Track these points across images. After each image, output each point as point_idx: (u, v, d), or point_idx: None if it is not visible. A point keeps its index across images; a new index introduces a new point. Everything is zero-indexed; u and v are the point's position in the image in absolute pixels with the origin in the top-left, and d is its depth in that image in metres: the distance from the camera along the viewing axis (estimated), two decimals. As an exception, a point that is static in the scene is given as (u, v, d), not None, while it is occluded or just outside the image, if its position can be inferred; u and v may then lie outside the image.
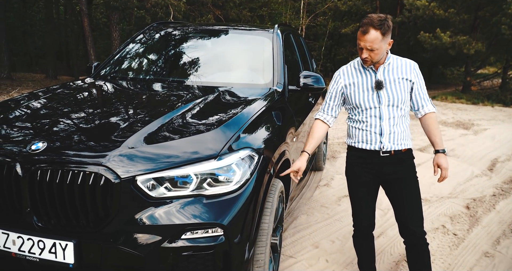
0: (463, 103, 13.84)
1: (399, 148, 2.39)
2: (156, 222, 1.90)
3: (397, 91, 2.35)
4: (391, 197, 2.52)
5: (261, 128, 2.54)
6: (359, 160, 2.48)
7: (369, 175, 2.47)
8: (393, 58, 2.40)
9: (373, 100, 2.36)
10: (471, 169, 5.67)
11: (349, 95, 2.44)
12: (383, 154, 2.39)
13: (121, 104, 2.78)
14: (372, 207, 2.58)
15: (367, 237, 2.66)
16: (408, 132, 2.45)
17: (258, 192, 2.20)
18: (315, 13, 20.08)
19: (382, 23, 2.19)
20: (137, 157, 1.98)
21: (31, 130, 2.22)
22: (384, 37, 2.23)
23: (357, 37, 2.29)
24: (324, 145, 5.57)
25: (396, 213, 2.51)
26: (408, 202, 2.44)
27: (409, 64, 2.40)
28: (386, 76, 2.36)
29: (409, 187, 2.44)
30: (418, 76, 2.40)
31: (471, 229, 3.75)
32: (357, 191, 2.55)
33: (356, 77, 2.43)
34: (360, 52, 2.29)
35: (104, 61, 3.80)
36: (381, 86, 2.33)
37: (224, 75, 3.42)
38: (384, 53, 2.32)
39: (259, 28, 4.00)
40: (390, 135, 2.37)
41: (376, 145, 2.39)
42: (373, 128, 2.38)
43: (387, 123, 2.36)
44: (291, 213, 3.96)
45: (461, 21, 15.12)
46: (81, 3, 13.50)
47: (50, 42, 17.43)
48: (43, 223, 1.94)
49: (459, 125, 9.32)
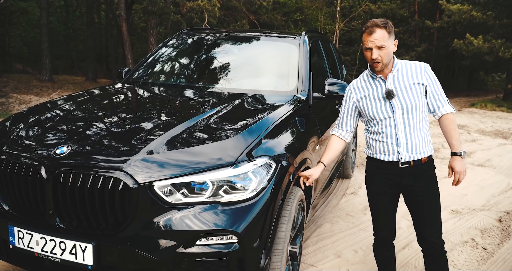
0: (504, 111, 13.27)
1: (419, 157, 2.33)
2: (172, 228, 1.94)
3: (410, 98, 2.28)
4: (410, 208, 2.48)
5: (281, 136, 2.54)
6: (378, 171, 2.44)
7: (388, 186, 2.43)
8: (401, 64, 2.34)
9: (386, 110, 2.32)
10: (507, 181, 5.43)
11: (362, 108, 2.41)
12: (402, 166, 2.34)
13: (146, 109, 2.86)
14: (391, 217, 2.54)
15: (387, 247, 2.62)
16: (428, 139, 2.38)
17: (275, 200, 2.20)
18: (350, 17, 19.87)
19: (385, 23, 2.22)
20: (155, 162, 2.03)
21: (57, 134, 2.32)
22: (390, 36, 2.23)
23: (362, 41, 2.26)
24: (353, 153, 5.49)
25: (415, 223, 2.48)
26: (427, 214, 2.39)
27: (419, 67, 2.33)
28: (397, 84, 2.31)
29: (429, 199, 2.37)
30: (431, 77, 2.33)
31: (502, 243, 3.59)
32: (377, 201, 2.52)
33: (367, 90, 2.40)
34: (370, 55, 2.24)
35: (135, 66, 3.91)
36: (392, 95, 2.29)
37: (249, 82, 3.44)
38: (391, 55, 2.28)
39: (287, 35, 4.00)
40: (407, 145, 2.31)
41: (394, 156, 2.34)
42: (389, 139, 2.34)
43: (403, 132, 2.31)
44: (315, 221, 3.93)
45: (501, 25, 14.53)
46: (120, 9, 13.98)
47: (90, 45, 18.12)
48: (65, 224, 2.02)
49: (498, 134, 8.96)
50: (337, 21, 19.25)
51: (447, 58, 22.55)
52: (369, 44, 2.23)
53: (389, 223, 2.54)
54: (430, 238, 2.40)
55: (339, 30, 19.19)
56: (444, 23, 16.82)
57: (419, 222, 2.44)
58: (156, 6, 12.98)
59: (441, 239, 2.42)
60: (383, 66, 2.27)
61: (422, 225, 2.43)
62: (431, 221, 2.39)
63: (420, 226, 2.44)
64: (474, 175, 5.63)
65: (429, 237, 2.40)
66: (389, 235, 2.57)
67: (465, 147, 7.41)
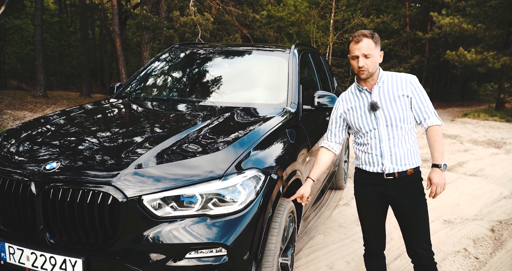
0: (496, 120, 13.39)
1: (403, 169, 2.33)
2: (161, 241, 1.95)
3: (394, 110, 2.30)
4: (398, 219, 2.49)
5: (270, 148, 2.57)
6: (365, 181, 2.47)
7: (374, 197, 2.45)
8: (387, 76, 2.37)
9: (372, 122, 2.35)
10: (499, 190, 5.47)
11: (349, 120, 2.45)
12: (387, 177, 2.35)
13: (137, 123, 2.89)
14: (380, 227, 2.55)
15: (377, 257, 2.63)
16: (415, 150, 2.38)
17: (264, 212, 2.22)
18: (343, 30, 20.12)
19: (372, 33, 2.27)
20: (145, 176, 2.05)
21: (48, 149, 2.34)
22: (376, 46, 2.27)
23: (349, 51, 2.30)
24: (346, 164, 5.52)
25: (403, 234, 2.50)
26: (414, 226, 2.40)
27: (405, 79, 2.35)
28: (382, 96, 2.33)
29: (415, 210, 2.38)
30: (416, 89, 2.33)
31: (494, 252, 3.61)
32: (364, 211, 2.54)
33: (353, 101, 2.43)
34: (356, 63, 2.28)
35: (126, 81, 3.95)
36: (376, 107, 2.31)
37: (239, 95, 3.48)
38: (377, 65, 2.31)
39: (277, 48, 4.06)
40: (391, 157, 2.33)
41: (379, 167, 2.36)
42: (373, 150, 2.37)
43: (387, 144, 2.33)
44: (308, 232, 3.93)
45: (492, 36, 14.78)
46: (114, 24, 14.10)
47: (85, 61, 18.18)
48: (55, 240, 2.03)
49: (490, 143, 9.03)
50: (330, 34, 19.48)
51: (439, 68, 22.82)
52: (355, 52, 2.27)
53: (377, 233, 2.55)
54: (418, 249, 2.41)
55: (332, 43, 19.39)
56: (435, 34, 17.07)
57: (407, 233, 2.45)
58: (149, 22, 13.10)
59: (429, 250, 2.42)
60: (368, 75, 2.29)
61: (409, 236, 2.44)
62: (418, 232, 2.40)
63: (407, 237, 2.46)
64: (467, 184, 5.67)
65: (417, 248, 2.41)
66: (378, 245, 2.58)
67: (458, 157, 7.47)
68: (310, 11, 19.99)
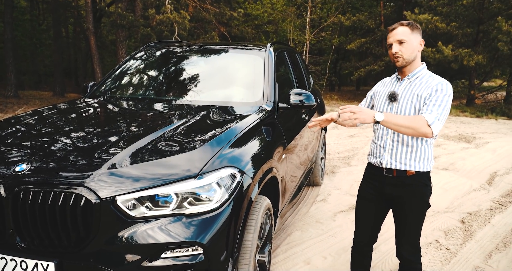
0: (467, 116, 13.78)
1: (402, 167, 2.27)
2: (136, 242, 1.93)
3: (408, 108, 2.23)
4: (394, 217, 2.47)
5: (246, 146, 2.57)
6: (369, 175, 2.48)
7: (372, 191, 2.44)
8: (425, 74, 2.27)
9: (386, 111, 2.31)
10: (469, 183, 5.64)
11: (374, 101, 2.46)
12: (386, 174, 2.32)
13: (111, 123, 2.85)
14: (371, 223, 2.52)
15: (362, 253, 2.62)
16: (422, 154, 2.26)
17: (240, 210, 2.22)
18: (320, 28, 20.29)
19: (410, 22, 2.25)
20: (119, 176, 2.02)
21: (17, 151, 2.28)
22: (412, 32, 2.22)
23: (387, 41, 2.29)
24: (322, 161, 5.59)
25: (395, 233, 2.48)
26: (404, 229, 2.39)
27: (435, 82, 2.20)
28: (406, 90, 2.27)
29: (409, 215, 2.34)
30: (438, 91, 2.15)
31: (464, 243, 3.73)
32: (361, 205, 2.54)
33: (384, 86, 2.42)
34: (390, 50, 2.25)
35: (100, 81, 3.89)
36: (394, 99, 2.28)
37: (215, 94, 3.48)
38: (414, 53, 2.23)
39: (253, 47, 4.07)
40: (392, 151, 2.29)
41: (379, 159, 2.34)
42: (379, 140, 2.35)
43: (391, 137, 2.29)
44: (285, 229, 3.97)
45: (464, 35, 15.20)
46: (88, 22, 13.83)
47: (58, 60, 17.78)
48: (26, 243, 1.99)
49: (461, 138, 9.28)
50: (307, 32, 19.61)
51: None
52: (390, 40, 2.25)
53: (367, 228, 2.54)
54: (402, 251, 2.42)
55: (309, 41, 19.53)
56: (409, 33, 17.43)
57: (397, 233, 2.45)
58: (125, 20, 12.91)
59: (414, 254, 2.41)
60: (404, 62, 2.23)
61: (398, 237, 2.44)
62: (405, 235, 2.39)
63: (397, 237, 2.45)
64: (439, 178, 5.82)
65: (402, 251, 2.42)
66: (365, 240, 2.57)
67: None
68: (287, 9, 20.08)
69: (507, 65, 15.85)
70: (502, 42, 13.06)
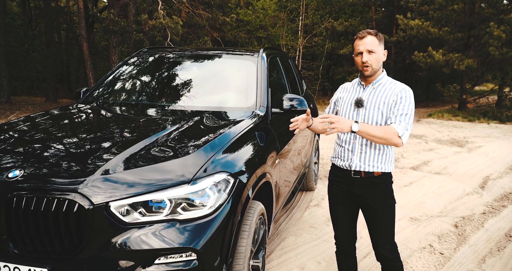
0: (459, 120, 13.89)
1: (370, 170, 2.36)
2: (130, 248, 1.93)
3: (374, 114, 2.32)
4: (365, 219, 2.55)
5: (239, 151, 2.58)
6: (336, 178, 2.52)
7: (342, 194, 2.50)
8: (386, 80, 2.38)
9: (353, 116, 2.38)
10: (462, 187, 5.68)
11: (338, 107, 2.50)
12: (354, 176, 2.40)
13: (104, 128, 2.85)
14: (347, 225, 2.58)
15: (347, 255, 2.66)
16: (388, 157, 2.38)
17: (234, 215, 2.23)
18: (312, 33, 20.40)
19: (376, 32, 2.32)
20: (112, 182, 2.02)
21: (10, 157, 2.27)
22: (380, 43, 2.31)
23: (354, 48, 2.34)
24: (316, 165, 5.60)
25: (369, 234, 2.55)
26: (377, 227, 2.45)
27: (398, 88, 2.32)
28: (371, 96, 2.35)
29: (379, 212, 2.42)
30: (403, 98, 2.27)
31: (458, 248, 3.75)
32: (334, 208, 2.59)
33: (347, 92, 2.48)
34: (360, 59, 2.31)
35: (93, 86, 3.89)
36: (360, 105, 2.35)
37: (208, 99, 3.49)
38: (380, 63, 2.34)
39: (246, 52, 4.09)
40: (361, 155, 2.37)
41: (347, 162, 2.41)
42: (347, 144, 2.41)
43: (359, 142, 2.36)
44: (279, 234, 3.97)
45: (455, 39, 15.36)
46: (81, 28, 13.80)
47: (50, 65, 17.70)
48: (19, 249, 1.98)
49: (454, 142, 9.36)
50: (299, 37, 19.71)
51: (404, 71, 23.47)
52: (360, 48, 2.30)
53: (344, 230, 2.59)
54: (381, 250, 2.46)
55: (301, 46, 19.62)
56: (401, 38, 17.58)
57: (371, 233, 2.51)
58: (117, 26, 12.90)
59: (393, 252, 2.47)
60: (372, 71, 2.31)
61: (373, 237, 2.49)
62: (381, 234, 2.45)
63: (372, 237, 2.51)
64: (432, 182, 5.86)
65: (380, 249, 2.47)
66: (345, 242, 2.62)
67: (423, 157, 7.70)
68: (279, 14, 20.18)
69: (498, 69, 16.01)
70: (494, 47, 13.21)
